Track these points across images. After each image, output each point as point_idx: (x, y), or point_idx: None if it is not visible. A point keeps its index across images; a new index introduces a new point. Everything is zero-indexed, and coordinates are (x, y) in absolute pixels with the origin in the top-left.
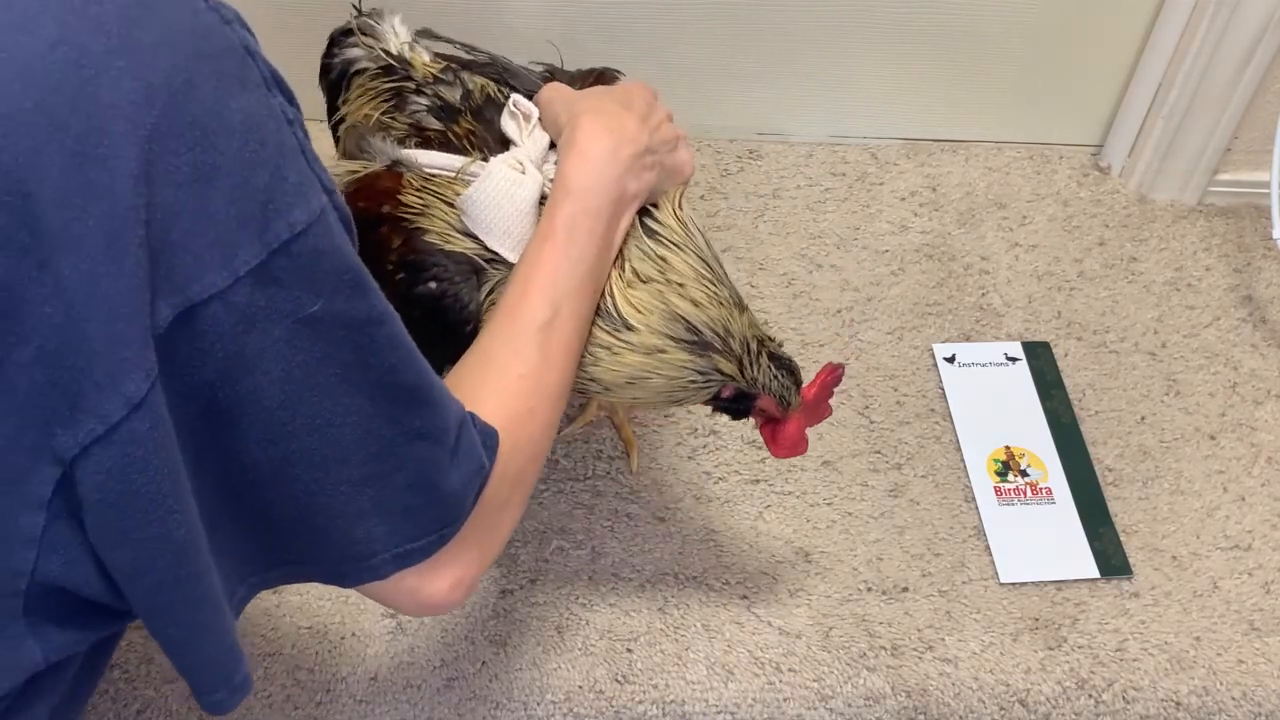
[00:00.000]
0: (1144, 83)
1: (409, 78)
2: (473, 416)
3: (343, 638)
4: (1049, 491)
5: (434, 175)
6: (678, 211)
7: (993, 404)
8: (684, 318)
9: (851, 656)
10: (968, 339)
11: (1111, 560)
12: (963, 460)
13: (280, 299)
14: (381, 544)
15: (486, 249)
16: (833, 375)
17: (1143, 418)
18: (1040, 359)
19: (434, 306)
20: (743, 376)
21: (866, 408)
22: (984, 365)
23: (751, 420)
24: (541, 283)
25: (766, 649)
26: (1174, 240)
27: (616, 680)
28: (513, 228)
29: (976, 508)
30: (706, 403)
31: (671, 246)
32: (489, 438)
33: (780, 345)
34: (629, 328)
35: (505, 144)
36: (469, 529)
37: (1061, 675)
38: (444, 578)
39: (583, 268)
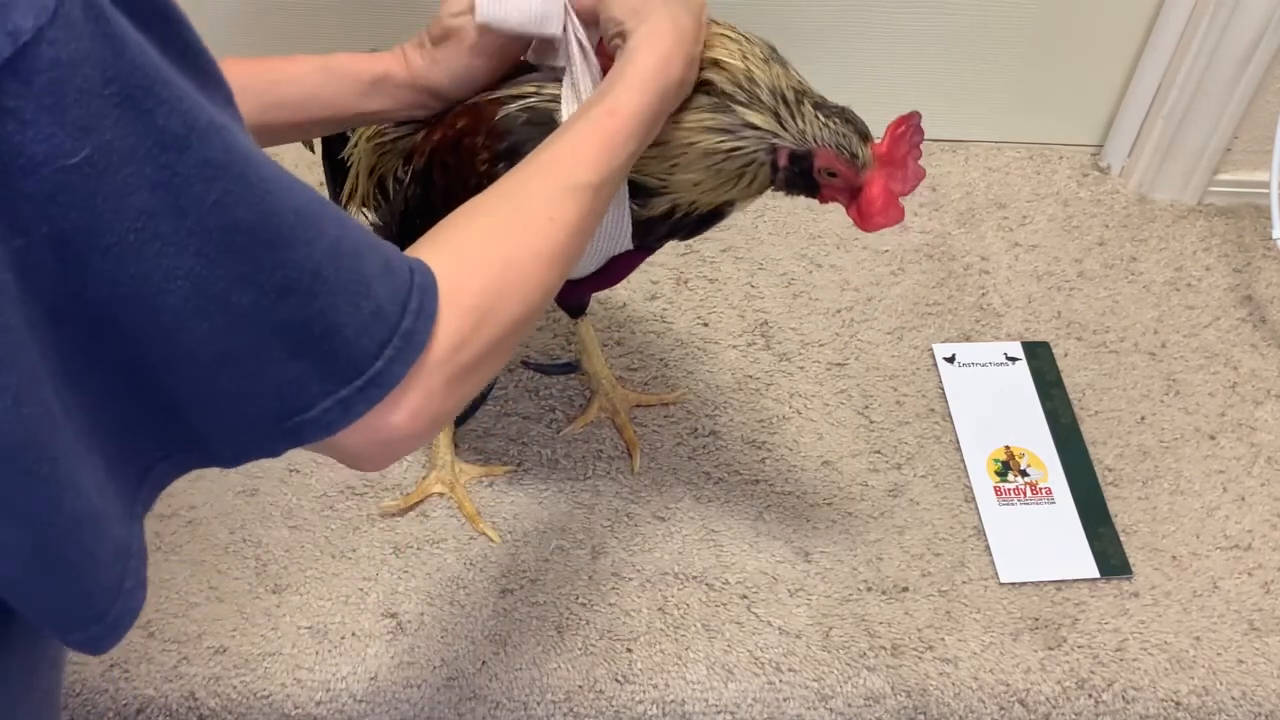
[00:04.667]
0: (1144, 83)
1: None
2: (412, 267)
3: (343, 638)
4: (1049, 491)
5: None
6: None
7: (993, 404)
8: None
9: (851, 656)
10: (968, 339)
11: (1111, 560)
12: (963, 460)
13: (26, 142)
14: (270, 418)
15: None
16: (905, 123)
17: (1143, 418)
18: (1040, 359)
19: None
20: (785, 130)
21: (866, 408)
22: (984, 365)
23: (829, 203)
24: (596, 153)
25: (766, 649)
26: (1174, 240)
27: (616, 680)
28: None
29: (976, 508)
30: (776, 187)
31: None
32: (420, 291)
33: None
34: None
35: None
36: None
37: (1061, 675)
38: (396, 413)
39: (627, 160)
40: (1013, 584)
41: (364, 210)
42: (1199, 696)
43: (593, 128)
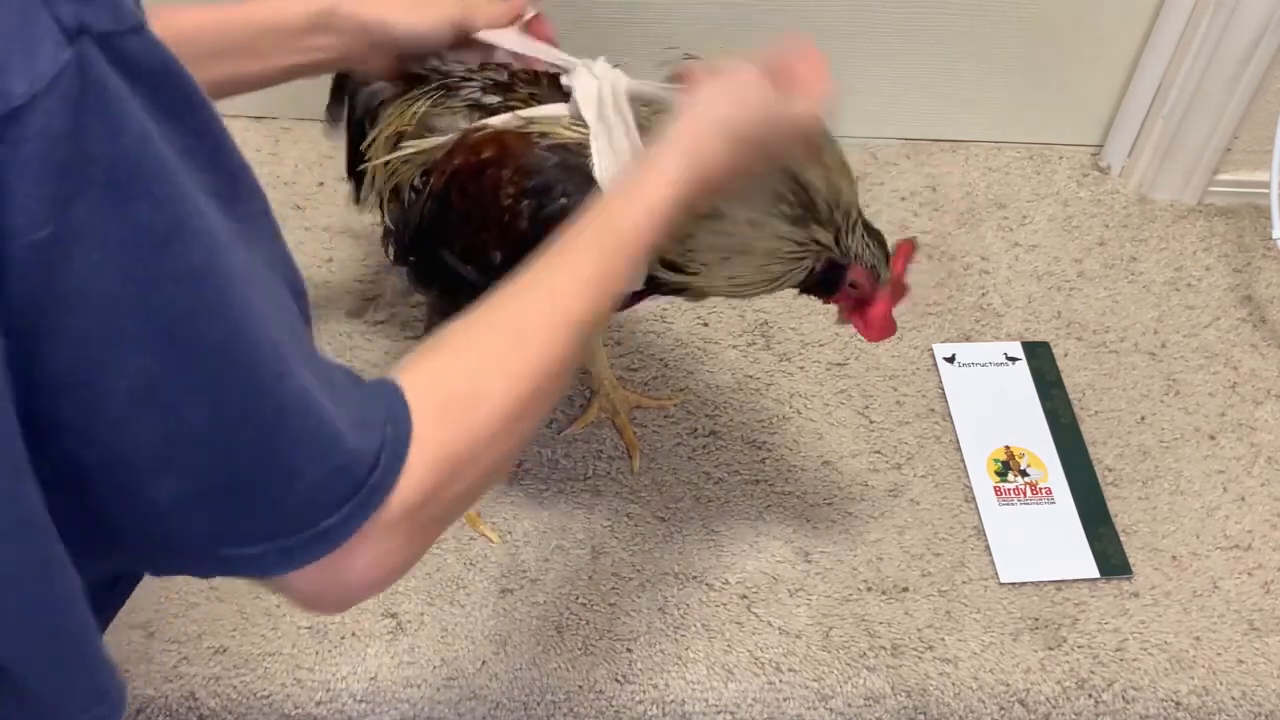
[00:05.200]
0: (1144, 83)
1: (449, 75)
2: (387, 416)
3: (343, 638)
4: (1049, 491)
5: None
6: None
7: (993, 404)
8: (802, 185)
9: (851, 656)
10: (968, 339)
11: (1111, 560)
12: (963, 460)
13: (2, 210)
14: (203, 543)
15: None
16: (911, 249)
17: (1143, 418)
18: (1040, 359)
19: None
20: (837, 246)
21: (866, 408)
22: (984, 365)
23: (836, 313)
24: (600, 288)
25: (766, 649)
26: (1174, 240)
27: (616, 680)
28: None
29: (976, 508)
30: (799, 285)
31: None
32: (393, 443)
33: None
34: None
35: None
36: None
37: (1061, 675)
38: (353, 562)
39: (628, 281)
40: (1013, 584)
41: (381, 208)
42: (1199, 696)
43: (600, 256)
